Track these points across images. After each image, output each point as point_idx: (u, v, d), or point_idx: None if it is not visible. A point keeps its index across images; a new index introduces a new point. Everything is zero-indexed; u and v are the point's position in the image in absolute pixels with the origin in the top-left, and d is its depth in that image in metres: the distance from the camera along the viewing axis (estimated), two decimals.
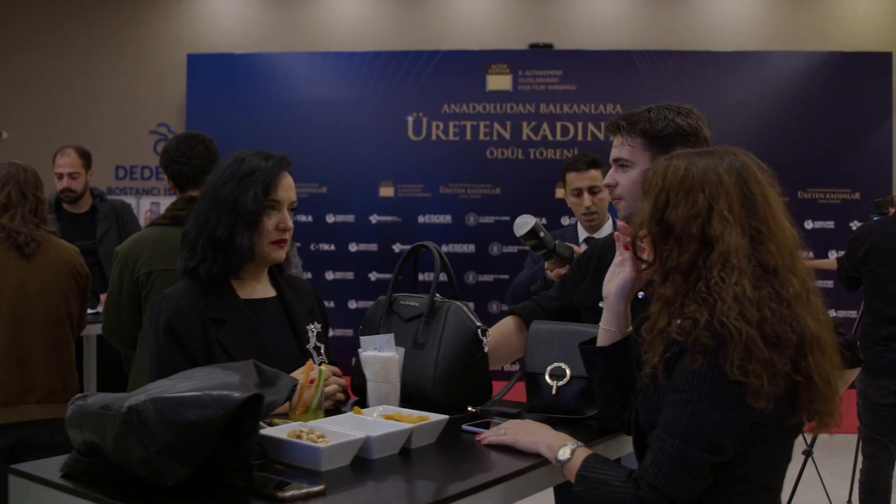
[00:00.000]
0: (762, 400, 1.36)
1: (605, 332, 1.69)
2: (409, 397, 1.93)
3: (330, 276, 7.81)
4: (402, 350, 1.94)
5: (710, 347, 1.37)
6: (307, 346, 2.10)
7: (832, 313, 1.54)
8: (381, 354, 1.90)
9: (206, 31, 8.25)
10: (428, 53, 7.80)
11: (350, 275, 7.82)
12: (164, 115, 8.25)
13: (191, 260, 2.04)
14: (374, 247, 7.83)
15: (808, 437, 4.30)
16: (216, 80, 8.01)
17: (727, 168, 1.52)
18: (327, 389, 1.87)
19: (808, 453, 4.15)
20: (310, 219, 7.79)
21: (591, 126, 7.74)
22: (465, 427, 1.82)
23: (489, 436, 1.70)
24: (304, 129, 7.77)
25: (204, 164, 2.82)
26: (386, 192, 7.84)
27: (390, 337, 1.93)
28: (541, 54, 7.85)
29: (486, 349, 1.99)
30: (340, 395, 1.97)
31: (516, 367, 4.29)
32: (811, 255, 1.58)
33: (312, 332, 2.13)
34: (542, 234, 2.68)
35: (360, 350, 1.98)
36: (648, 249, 1.53)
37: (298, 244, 7.82)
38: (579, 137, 7.72)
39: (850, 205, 7.67)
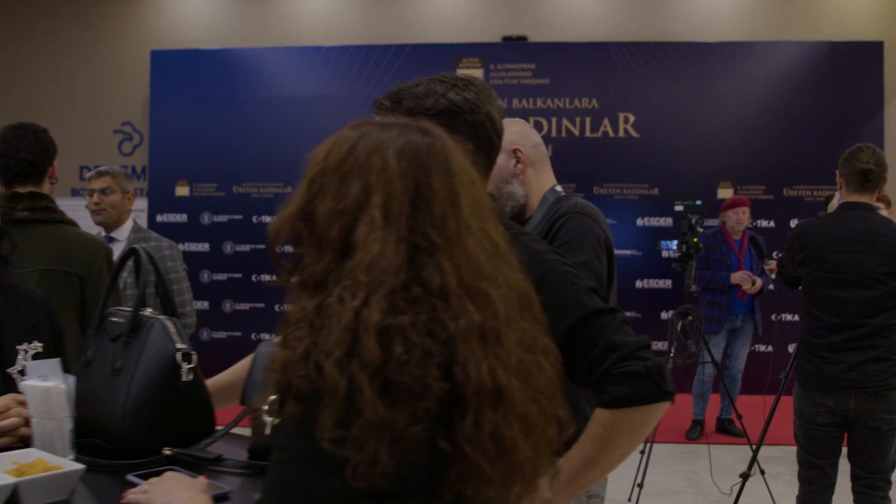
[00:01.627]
0: (367, 478, 0.93)
1: None
2: (98, 433, 1.60)
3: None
4: (70, 378, 1.58)
5: (305, 393, 0.96)
6: (10, 370, 1.74)
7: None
8: (41, 384, 1.52)
9: (169, 26, 8.01)
10: (397, 47, 7.52)
11: None
12: (128, 113, 8.03)
13: None
14: None
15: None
16: (180, 77, 7.76)
17: (401, 149, 1.06)
18: (4, 423, 1.54)
19: (745, 476, 3.83)
20: None
21: (565, 121, 7.41)
22: (128, 477, 1.46)
23: (130, 495, 1.33)
24: (270, 127, 7.51)
25: (35, 157, 2.53)
26: None
27: (56, 362, 1.56)
28: (514, 47, 7.53)
29: (190, 377, 1.61)
30: (25, 430, 1.59)
31: None
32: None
33: (26, 352, 1.78)
34: None
35: (22, 379, 1.61)
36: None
37: (262, 246, 7.59)
38: (553, 133, 7.40)
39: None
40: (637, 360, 1.38)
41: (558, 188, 2.36)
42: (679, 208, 4.92)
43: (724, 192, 7.14)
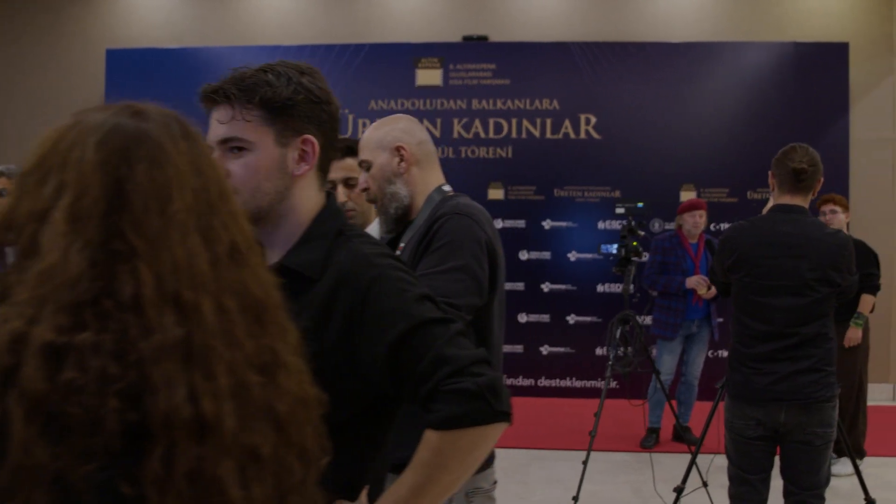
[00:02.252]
0: None
1: None
2: None
3: None
4: None
5: None
6: None
7: None
8: None
9: (125, 24, 7.84)
10: (354, 47, 7.37)
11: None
12: None
13: None
14: None
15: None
16: (136, 77, 7.58)
17: (104, 137, 0.91)
18: None
19: (678, 490, 3.68)
20: None
21: (526, 122, 7.27)
22: None
23: None
24: None
25: None
26: None
27: None
28: (474, 47, 7.39)
29: None
30: None
31: None
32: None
33: None
34: None
35: None
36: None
37: None
38: (514, 135, 7.26)
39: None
40: (468, 377, 1.23)
41: (446, 188, 2.22)
42: (620, 210, 4.78)
43: (687, 195, 7.01)
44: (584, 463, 4.40)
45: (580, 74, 7.22)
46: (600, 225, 7.17)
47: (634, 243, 4.68)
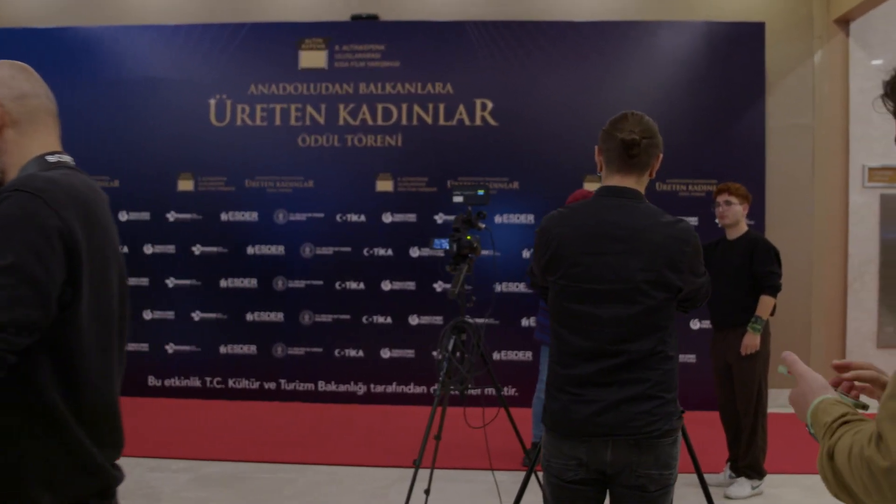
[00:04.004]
0: None
1: None
2: None
3: None
4: None
5: None
6: None
7: None
8: None
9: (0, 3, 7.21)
10: (233, 27, 6.78)
11: (145, 281, 6.80)
12: None
13: None
14: (171, 248, 6.81)
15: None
16: (9, 57, 6.94)
17: None
18: None
19: None
20: None
21: (417, 108, 6.72)
22: None
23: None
24: (94, 114, 6.74)
25: None
26: (185, 185, 6.81)
27: None
28: (362, 26, 6.82)
29: None
30: None
31: None
32: None
33: None
34: None
35: None
36: None
37: None
38: (404, 121, 6.71)
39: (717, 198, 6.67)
40: None
41: (53, 157, 1.71)
42: (458, 199, 4.22)
43: (592, 186, 6.49)
44: (426, 492, 3.87)
45: (476, 56, 6.68)
46: (497, 219, 6.64)
47: (469, 237, 4.11)
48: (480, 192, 4.13)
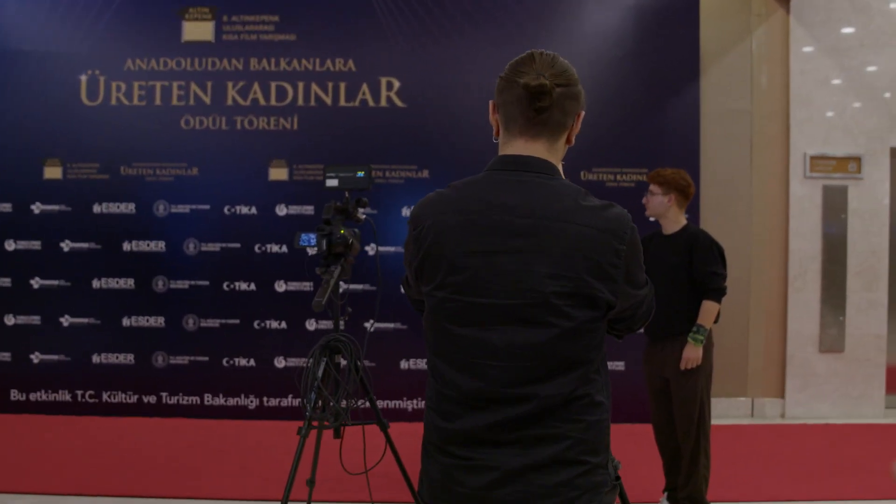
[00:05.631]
0: None
1: None
2: None
3: None
4: None
5: None
6: None
7: None
8: None
9: None
10: None
11: (6, 281, 6.01)
12: None
13: None
14: (37, 244, 6.03)
15: None
16: None
17: None
18: None
19: None
20: None
21: (315, 87, 6.02)
22: None
23: None
24: None
25: None
26: (52, 173, 6.03)
27: None
28: None
29: None
30: None
31: None
32: None
33: None
34: None
35: None
36: None
37: None
38: (300, 101, 6.00)
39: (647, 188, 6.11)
40: None
41: None
42: (332, 183, 3.55)
43: None
44: None
45: (381, 29, 6.00)
46: (405, 211, 5.96)
47: (343, 231, 3.43)
48: (360, 173, 3.44)
